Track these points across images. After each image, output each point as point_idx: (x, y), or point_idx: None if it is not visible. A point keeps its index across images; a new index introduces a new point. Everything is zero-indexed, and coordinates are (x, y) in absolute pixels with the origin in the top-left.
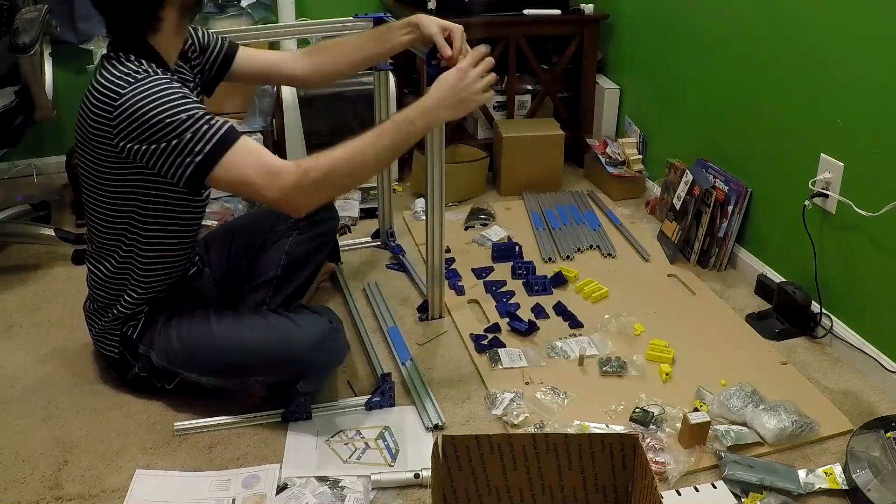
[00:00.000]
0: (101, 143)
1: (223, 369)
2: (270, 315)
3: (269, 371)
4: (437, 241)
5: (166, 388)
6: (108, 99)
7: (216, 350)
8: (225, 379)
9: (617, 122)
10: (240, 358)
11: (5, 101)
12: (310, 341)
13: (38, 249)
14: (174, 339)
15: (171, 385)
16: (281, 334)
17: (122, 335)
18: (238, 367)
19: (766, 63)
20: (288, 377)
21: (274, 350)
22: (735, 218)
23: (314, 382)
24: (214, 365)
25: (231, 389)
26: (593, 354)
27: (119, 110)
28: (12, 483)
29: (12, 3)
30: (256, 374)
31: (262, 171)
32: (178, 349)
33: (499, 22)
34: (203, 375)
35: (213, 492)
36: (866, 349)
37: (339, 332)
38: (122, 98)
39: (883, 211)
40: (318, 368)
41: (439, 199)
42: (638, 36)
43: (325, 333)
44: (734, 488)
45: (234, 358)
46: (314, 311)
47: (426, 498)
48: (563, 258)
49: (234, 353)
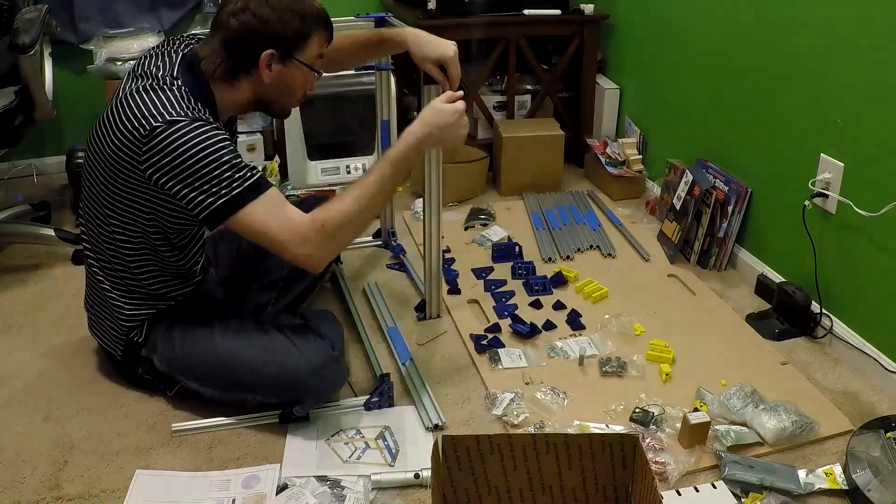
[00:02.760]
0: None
1: (220, 383)
2: (274, 333)
3: (265, 391)
4: (434, 241)
5: (168, 393)
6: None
7: (215, 363)
8: (222, 392)
9: (617, 122)
10: (238, 375)
11: (5, 101)
12: (309, 367)
13: (38, 249)
14: (176, 346)
15: (173, 391)
16: (281, 357)
17: (127, 340)
18: (235, 383)
19: (765, 63)
20: (284, 399)
21: (272, 373)
22: (735, 218)
23: (310, 406)
24: (212, 377)
25: (228, 403)
26: (593, 354)
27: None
28: (12, 483)
29: (12, 3)
30: (253, 393)
31: (285, 227)
32: (178, 357)
33: (499, 22)
34: (202, 385)
35: (213, 492)
36: (866, 349)
37: (340, 360)
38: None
39: (883, 211)
40: (316, 395)
41: (437, 198)
42: (638, 36)
43: (325, 361)
44: (734, 488)
45: (232, 374)
46: (319, 333)
47: (426, 498)
48: (563, 258)
49: (232, 369)
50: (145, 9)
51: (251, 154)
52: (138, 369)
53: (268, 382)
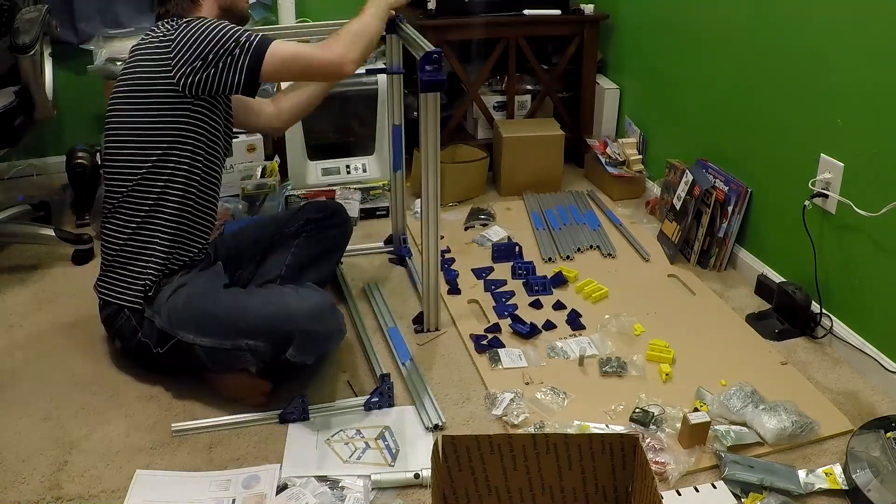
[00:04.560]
0: (158, 80)
1: (219, 330)
2: (275, 286)
3: (262, 336)
4: (432, 258)
5: (159, 352)
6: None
7: (214, 310)
8: (219, 340)
9: (617, 122)
10: (237, 319)
11: (5, 101)
12: (307, 309)
13: (38, 249)
14: (180, 303)
15: (164, 349)
16: (280, 299)
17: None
18: (232, 326)
19: (765, 63)
20: (280, 343)
21: (271, 312)
22: (735, 218)
23: (305, 353)
24: (211, 326)
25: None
26: (593, 354)
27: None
28: (12, 483)
29: (12, 3)
30: (249, 337)
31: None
32: (180, 309)
33: (499, 22)
34: (198, 336)
35: (213, 492)
36: (866, 349)
37: (337, 310)
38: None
39: (883, 211)
40: (313, 340)
41: (435, 218)
42: (638, 36)
43: (322, 306)
44: (734, 488)
45: (231, 318)
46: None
47: (426, 498)
48: (563, 258)
49: (230, 311)
50: (145, 9)
51: (251, 154)
52: (139, 335)
53: (266, 323)
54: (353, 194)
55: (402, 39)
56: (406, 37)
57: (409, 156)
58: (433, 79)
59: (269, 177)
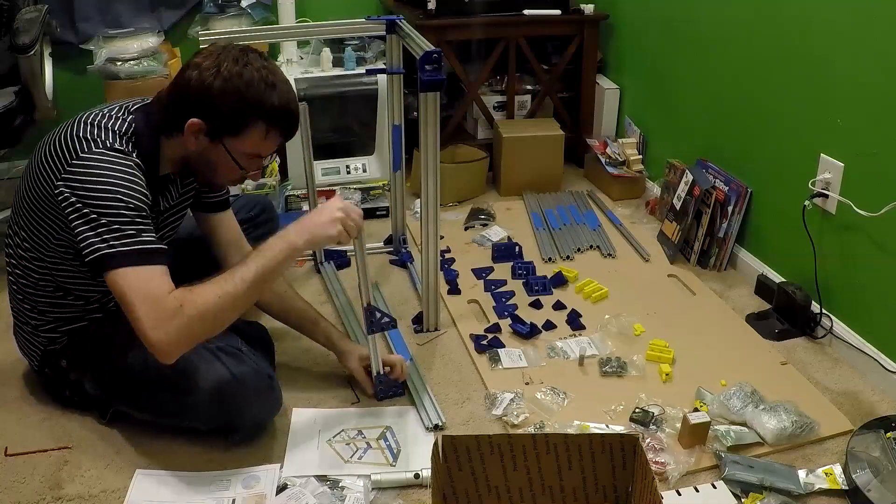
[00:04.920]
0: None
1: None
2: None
3: (200, 420)
4: (432, 258)
5: (101, 421)
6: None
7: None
8: (155, 417)
9: (617, 122)
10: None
11: (5, 101)
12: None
13: None
14: (107, 368)
15: (106, 417)
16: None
17: (43, 352)
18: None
19: (765, 63)
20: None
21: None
22: (735, 218)
23: (246, 436)
24: (142, 401)
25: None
26: (593, 354)
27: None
28: (12, 483)
29: (12, 3)
30: (188, 420)
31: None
32: (111, 380)
33: (499, 22)
34: (134, 410)
35: (213, 492)
36: (866, 349)
37: (274, 385)
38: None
39: (883, 211)
40: (252, 423)
41: (434, 223)
42: (638, 36)
43: (259, 388)
44: (734, 488)
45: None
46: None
47: (426, 498)
48: (563, 258)
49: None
50: (145, 9)
51: None
52: (65, 391)
53: (202, 410)
54: (353, 194)
55: (402, 39)
56: (406, 37)
57: (408, 156)
58: (433, 79)
59: (269, 177)
